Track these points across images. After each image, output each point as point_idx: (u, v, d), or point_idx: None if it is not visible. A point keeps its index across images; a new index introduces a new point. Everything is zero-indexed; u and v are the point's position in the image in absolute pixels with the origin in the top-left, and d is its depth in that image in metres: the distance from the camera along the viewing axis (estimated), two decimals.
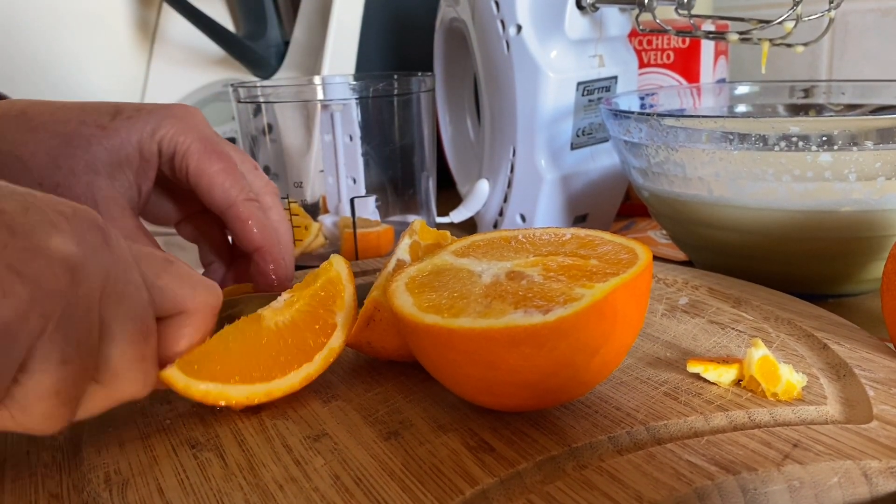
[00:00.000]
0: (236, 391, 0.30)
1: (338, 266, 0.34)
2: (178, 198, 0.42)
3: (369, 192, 0.58)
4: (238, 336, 0.31)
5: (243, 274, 0.43)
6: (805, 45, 0.51)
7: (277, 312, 0.32)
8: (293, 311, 0.32)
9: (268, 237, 0.39)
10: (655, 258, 0.54)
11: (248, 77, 0.82)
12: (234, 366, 0.30)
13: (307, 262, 0.56)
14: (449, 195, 0.73)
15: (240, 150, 0.41)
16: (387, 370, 0.34)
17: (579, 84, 0.57)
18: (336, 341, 0.32)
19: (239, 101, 0.57)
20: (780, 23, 0.48)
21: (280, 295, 0.33)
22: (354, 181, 0.58)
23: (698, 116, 0.44)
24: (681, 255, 0.56)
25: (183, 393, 0.29)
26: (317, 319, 0.32)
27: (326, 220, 0.59)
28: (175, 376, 0.28)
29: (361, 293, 0.34)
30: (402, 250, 0.36)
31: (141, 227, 0.38)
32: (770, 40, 0.51)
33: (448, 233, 0.37)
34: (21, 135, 0.36)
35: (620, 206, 0.67)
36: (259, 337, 0.31)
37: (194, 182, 0.38)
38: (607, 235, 0.31)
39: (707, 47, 0.67)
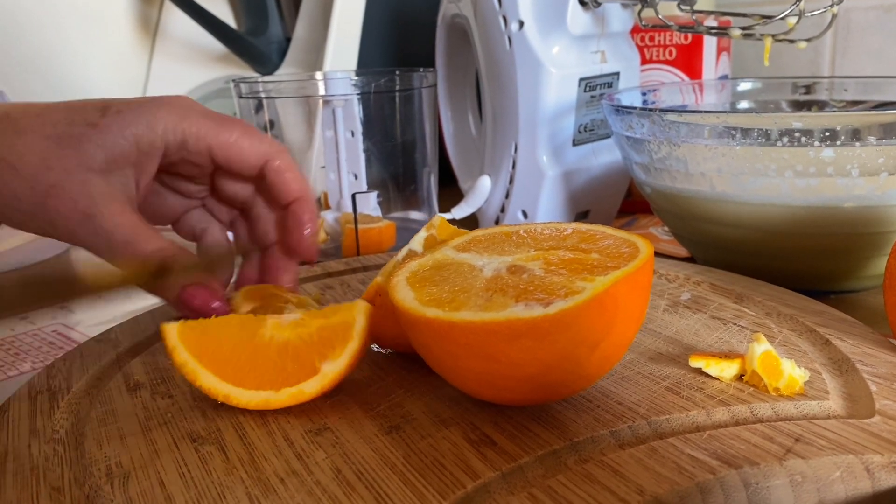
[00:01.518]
0: (205, 378, 0.30)
1: (359, 315, 0.32)
2: (182, 186, 0.42)
3: (371, 188, 0.58)
4: (239, 328, 0.31)
5: (250, 274, 0.42)
6: (808, 40, 0.51)
7: (279, 328, 0.31)
8: (293, 335, 0.31)
9: (305, 186, 0.40)
10: (657, 255, 0.54)
11: (250, 73, 0.82)
12: (217, 354, 0.30)
13: None
14: (450, 192, 0.73)
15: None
16: (388, 364, 0.34)
17: (581, 80, 0.57)
18: (310, 387, 0.30)
19: (241, 97, 0.57)
20: (782, 18, 0.48)
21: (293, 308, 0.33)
22: (356, 177, 0.58)
23: (701, 112, 0.43)
24: (683, 252, 0.56)
25: (169, 353, 0.30)
26: (307, 356, 0.31)
27: (328, 216, 0.59)
28: (170, 334, 0.30)
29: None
30: (417, 242, 0.36)
31: (142, 221, 0.37)
32: (773, 36, 0.50)
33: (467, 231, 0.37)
34: (7, 138, 0.36)
35: (622, 203, 0.67)
36: (251, 341, 0.31)
37: (223, 155, 0.38)
38: (608, 230, 0.31)
39: (709, 44, 0.67)
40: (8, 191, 0.35)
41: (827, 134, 0.39)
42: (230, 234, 0.44)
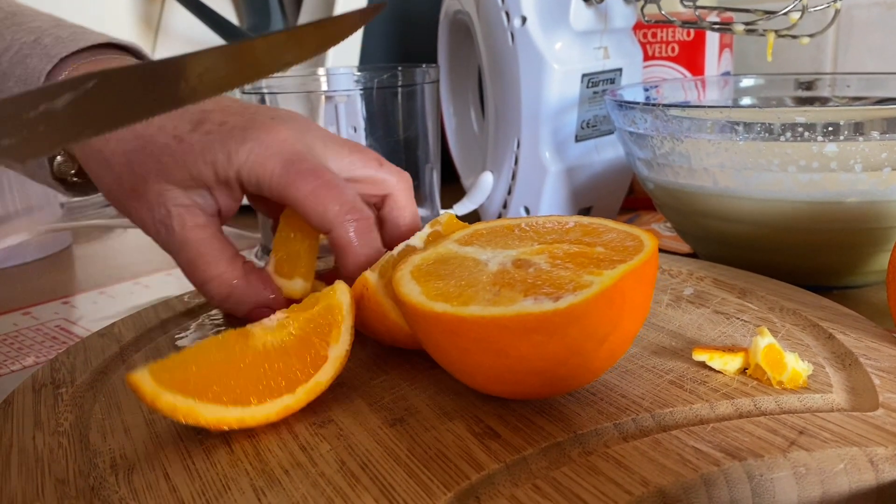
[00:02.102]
0: (207, 411, 0.27)
1: (340, 295, 0.31)
2: (263, 205, 0.41)
3: None
4: (221, 350, 0.28)
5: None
6: (811, 36, 0.51)
7: (268, 332, 0.29)
8: (285, 334, 0.30)
9: (373, 257, 0.35)
10: (660, 250, 0.54)
11: None
12: (210, 382, 0.27)
13: None
14: (453, 188, 0.73)
15: (359, 147, 0.38)
16: (392, 358, 0.34)
17: (584, 76, 0.57)
18: (324, 375, 0.29)
19: (243, 93, 0.57)
20: (785, 14, 0.48)
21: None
22: None
23: (704, 107, 0.43)
24: (685, 248, 0.56)
25: (150, 402, 0.26)
26: (309, 348, 0.30)
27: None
28: (143, 381, 0.26)
29: None
30: (418, 237, 0.36)
31: (215, 236, 0.35)
32: (775, 31, 0.50)
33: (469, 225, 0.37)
34: None
35: (625, 200, 0.67)
36: (244, 355, 0.28)
37: (292, 205, 0.35)
38: (610, 223, 0.31)
39: (712, 40, 0.67)
40: (100, 180, 0.36)
41: (830, 129, 0.39)
42: None
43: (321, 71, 0.62)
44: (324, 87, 0.58)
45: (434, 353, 0.29)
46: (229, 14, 0.86)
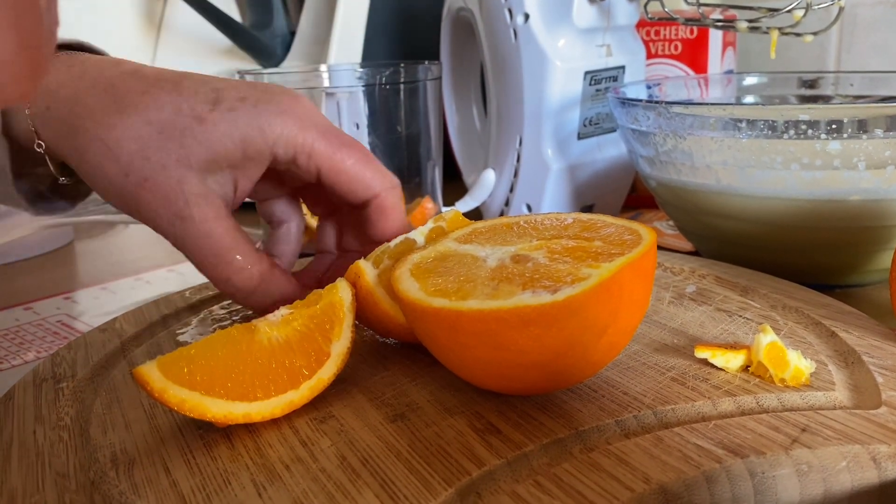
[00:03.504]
0: (214, 405, 0.27)
1: (342, 292, 0.32)
2: (273, 180, 0.39)
3: None
4: (228, 345, 0.29)
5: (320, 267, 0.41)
6: (814, 34, 0.50)
7: (273, 327, 0.30)
8: (289, 329, 0.30)
9: (404, 229, 0.37)
10: (662, 248, 0.54)
11: (255, 67, 0.82)
12: (217, 377, 0.28)
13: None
14: (455, 185, 0.73)
15: (354, 141, 0.38)
16: (393, 354, 0.34)
17: (587, 73, 0.57)
18: (327, 372, 0.30)
19: None
20: (789, 11, 0.48)
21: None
22: None
23: (707, 104, 0.43)
24: (687, 246, 0.56)
25: (158, 395, 0.26)
26: (312, 344, 0.30)
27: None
28: (152, 375, 0.27)
29: None
30: (419, 232, 0.36)
31: (236, 227, 0.34)
32: (779, 29, 0.50)
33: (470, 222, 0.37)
34: (109, 116, 0.33)
35: (627, 198, 0.66)
36: (249, 351, 0.29)
37: (330, 180, 0.35)
38: (609, 218, 0.31)
39: (715, 38, 0.67)
40: (101, 173, 0.33)
41: (833, 126, 0.39)
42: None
43: (323, 67, 0.62)
44: (326, 83, 0.58)
45: (434, 350, 0.29)
46: (232, 11, 0.86)
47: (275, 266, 0.35)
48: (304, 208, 0.43)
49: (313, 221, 0.56)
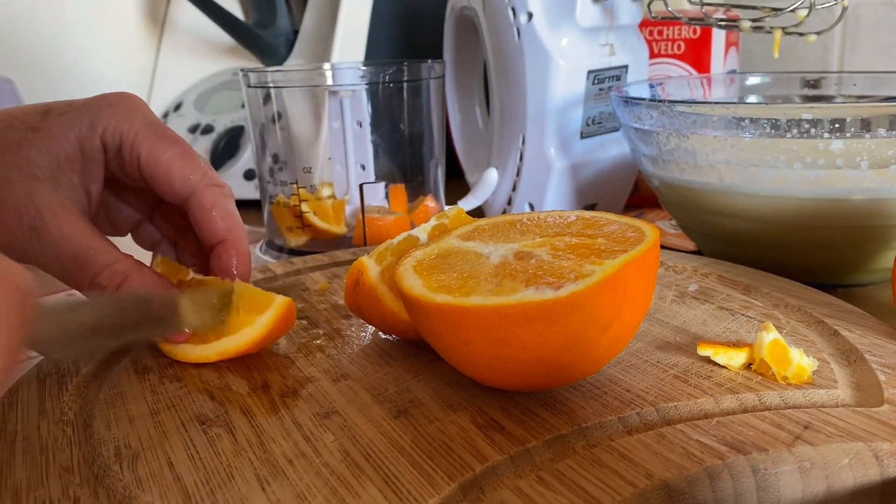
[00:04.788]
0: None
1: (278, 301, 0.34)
2: (131, 197, 0.39)
3: (378, 179, 0.58)
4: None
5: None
6: (818, 33, 0.50)
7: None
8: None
9: (233, 228, 0.36)
10: (665, 248, 0.54)
11: (258, 66, 0.82)
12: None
13: (318, 247, 0.56)
14: (457, 184, 0.73)
15: (184, 143, 0.37)
16: (396, 351, 0.34)
17: (590, 72, 0.57)
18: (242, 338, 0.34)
19: (249, 86, 0.57)
20: (792, 11, 0.48)
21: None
22: (363, 168, 0.58)
23: (710, 103, 0.43)
24: (690, 246, 0.56)
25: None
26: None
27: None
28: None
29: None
30: (421, 229, 0.36)
31: (94, 233, 0.34)
32: (782, 29, 0.50)
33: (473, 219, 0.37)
34: None
35: (629, 197, 0.66)
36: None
37: (149, 172, 0.35)
38: (612, 216, 0.31)
39: (718, 38, 0.67)
40: None
41: (836, 125, 0.39)
42: None
43: (326, 66, 0.62)
44: (329, 81, 0.58)
45: (437, 346, 0.29)
46: (235, 9, 0.86)
47: (141, 264, 0.35)
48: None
49: (314, 219, 0.56)
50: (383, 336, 0.36)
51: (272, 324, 0.34)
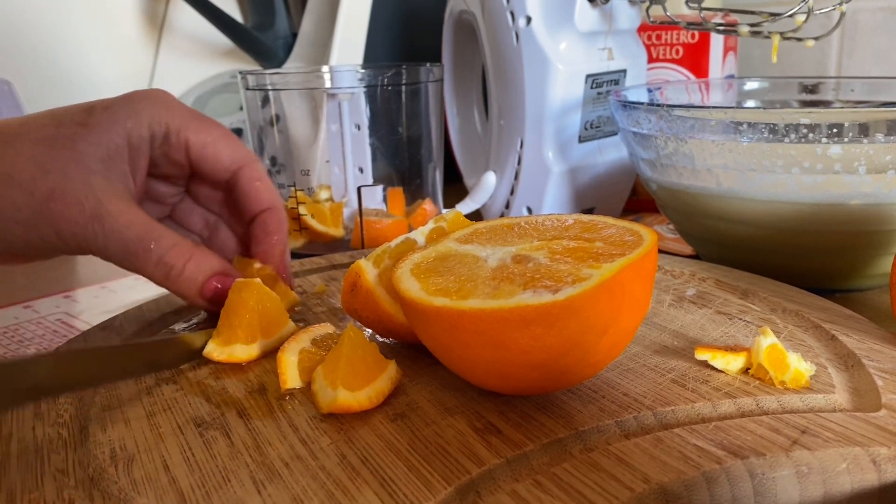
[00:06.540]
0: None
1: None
2: (154, 194, 0.41)
3: (376, 182, 0.58)
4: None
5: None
6: (816, 39, 0.51)
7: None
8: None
9: (276, 198, 0.40)
10: (662, 252, 0.54)
11: (256, 68, 0.82)
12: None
13: (316, 250, 0.56)
14: (455, 188, 0.73)
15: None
16: (393, 355, 0.34)
17: (588, 77, 0.57)
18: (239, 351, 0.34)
19: (247, 89, 0.57)
20: (791, 16, 0.48)
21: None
22: (361, 171, 0.58)
23: (708, 107, 0.43)
24: (688, 250, 0.56)
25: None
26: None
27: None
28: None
29: None
30: (419, 232, 0.36)
31: (149, 217, 0.36)
32: (781, 34, 0.50)
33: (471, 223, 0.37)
34: None
35: (627, 202, 0.66)
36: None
37: (198, 153, 0.38)
38: (610, 219, 0.31)
39: (716, 43, 0.67)
40: (6, 202, 0.34)
41: (834, 130, 0.39)
42: None
43: (325, 68, 0.62)
44: (327, 84, 0.58)
45: (434, 349, 0.29)
46: (234, 12, 0.86)
47: (201, 244, 0.38)
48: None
49: (312, 222, 0.56)
50: (380, 339, 0.36)
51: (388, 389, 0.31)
